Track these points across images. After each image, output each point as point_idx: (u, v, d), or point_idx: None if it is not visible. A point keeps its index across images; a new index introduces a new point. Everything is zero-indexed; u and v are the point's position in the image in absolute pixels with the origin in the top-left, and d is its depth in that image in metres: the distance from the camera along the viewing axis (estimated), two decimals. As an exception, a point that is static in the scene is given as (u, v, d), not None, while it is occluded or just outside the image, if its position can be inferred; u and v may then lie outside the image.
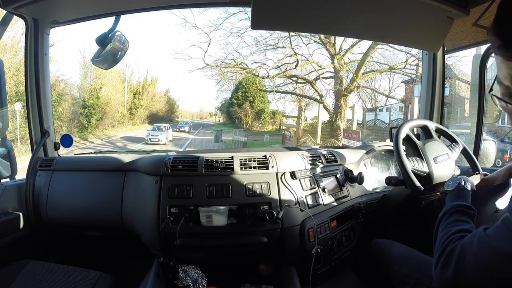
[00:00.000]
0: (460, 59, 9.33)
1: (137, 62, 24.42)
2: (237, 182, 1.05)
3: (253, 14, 1.07)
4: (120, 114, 16.86)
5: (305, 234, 1.03)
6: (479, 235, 0.56)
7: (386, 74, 11.69)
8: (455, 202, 0.73)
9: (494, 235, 0.53)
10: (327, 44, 10.74)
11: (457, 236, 0.62)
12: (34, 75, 1.28)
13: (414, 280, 0.86)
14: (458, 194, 0.79)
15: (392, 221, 1.33)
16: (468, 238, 0.58)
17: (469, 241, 0.57)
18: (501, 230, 0.53)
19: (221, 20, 11.43)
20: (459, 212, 0.70)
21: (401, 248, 1.01)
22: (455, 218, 0.69)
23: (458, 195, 0.78)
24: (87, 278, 1.02)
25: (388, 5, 1.09)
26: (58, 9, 1.22)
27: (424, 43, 1.31)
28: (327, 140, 10.29)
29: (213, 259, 1.14)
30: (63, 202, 1.22)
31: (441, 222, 0.70)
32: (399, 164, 1.04)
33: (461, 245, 0.58)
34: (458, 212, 0.70)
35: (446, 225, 0.68)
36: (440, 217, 0.72)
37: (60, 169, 1.26)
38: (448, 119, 8.86)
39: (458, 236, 0.62)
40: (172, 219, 0.99)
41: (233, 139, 12.64)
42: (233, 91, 19.36)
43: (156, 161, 1.11)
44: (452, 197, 0.78)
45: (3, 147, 1.32)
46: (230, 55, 11.97)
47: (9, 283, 0.97)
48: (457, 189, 0.80)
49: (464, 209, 0.71)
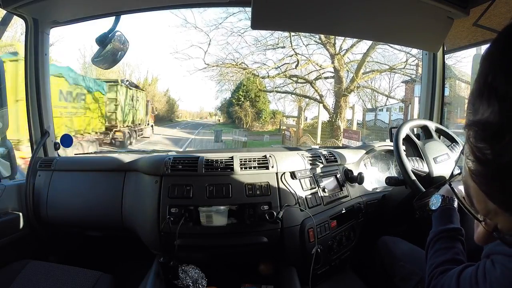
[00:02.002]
0: (460, 60, 9.34)
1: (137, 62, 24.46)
2: (237, 182, 1.05)
3: (253, 14, 1.07)
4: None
5: (305, 234, 1.03)
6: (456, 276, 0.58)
7: (386, 74, 11.70)
8: (439, 228, 0.72)
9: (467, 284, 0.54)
10: (327, 44, 10.73)
11: (438, 271, 0.64)
12: (34, 75, 1.28)
13: (418, 277, 0.86)
14: (442, 215, 0.76)
15: (392, 221, 1.33)
16: (447, 278, 0.60)
17: (448, 281, 0.59)
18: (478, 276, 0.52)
19: (221, 20, 11.44)
20: (442, 239, 0.70)
21: (407, 245, 1.02)
22: (438, 246, 0.69)
23: (442, 215, 0.75)
24: (87, 278, 1.02)
25: (388, 5, 1.09)
26: (58, 9, 1.22)
27: (424, 43, 1.31)
28: (327, 140, 10.28)
29: (213, 259, 1.14)
30: (63, 202, 1.22)
31: (428, 250, 0.71)
32: (399, 164, 1.04)
33: (441, 285, 0.61)
34: (441, 238, 0.70)
35: (431, 255, 0.69)
36: (427, 244, 0.72)
37: (60, 169, 1.26)
38: (448, 119, 8.87)
39: (438, 271, 0.64)
40: (172, 219, 0.99)
41: (233, 139, 12.63)
42: (233, 91, 19.36)
43: (156, 161, 1.11)
44: (437, 219, 0.76)
45: (3, 147, 1.32)
46: (230, 55, 11.99)
47: (9, 283, 0.97)
48: (440, 209, 0.77)
49: (448, 233, 0.70)
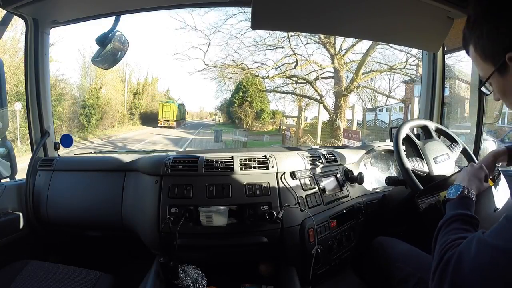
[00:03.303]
0: (461, 59, 9.33)
1: (137, 62, 24.56)
2: (237, 182, 1.05)
3: (253, 14, 1.07)
4: (120, 114, 16.86)
5: (305, 234, 1.03)
6: (477, 238, 0.53)
7: (386, 74, 11.71)
8: (457, 211, 0.69)
9: (495, 234, 0.50)
10: (327, 44, 10.73)
11: (456, 243, 0.59)
12: (34, 75, 1.28)
13: (416, 278, 0.85)
14: (460, 202, 0.73)
15: (392, 221, 1.33)
16: (465, 243, 0.55)
17: (466, 245, 0.54)
18: (504, 228, 0.50)
19: (221, 22, 11.44)
20: (459, 221, 0.67)
21: (404, 246, 1.00)
22: (455, 226, 0.66)
23: (460, 203, 0.73)
24: (87, 278, 1.02)
25: (388, 5, 1.09)
26: (58, 9, 1.22)
27: (424, 43, 1.31)
28: (327, 140, 10.28)
29: (213, 259, 1.14)
30: (63, 202, 1.22)
31: (440, 231, 0.67)
32: (399, 164, 1.04)
33: (458, 252, 0.55)
34: (458, 220, 0.67)
35: (445, 233, 0.65)
36: (440, 226, 0.68)
37: (60, 169, 1.26)
38: (448, 119, 8.86)
39: (456, 243, 0.58)
40: (172, 219, 0.99)
41: (233, 139, 12.62)
42: (233, 91, 19.36)
43: (156, 161, 1.11)
44: (453, 206, 0.73)
45: (3, 147, 1.32)
46: (230, 56, 11.99)
47: (9, 283, 0.97)
48: (459, 197, 0.74)
49: (465, 218, 0.67)
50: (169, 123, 14.95)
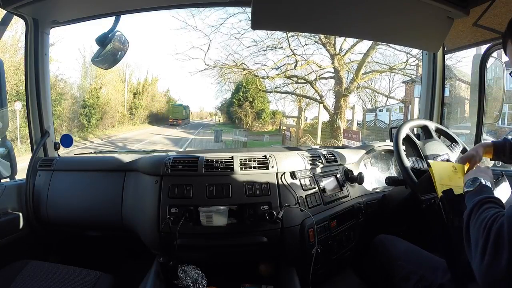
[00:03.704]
0: (461, 60, 9.33)
1: (137, 62, 24.70)
2: (237, 182, 1.05)
3: (253, 14, 1.07)
4: (120, 114, 16.84)
5: (305, 234, 1.03)
6: None
7: (386, 74, 11.67)
8: (483, 195, 0.67)
9: None
10: (327, 44, 10.72)
11: (498, 215, 0.55)
12: (34, 75, 1.28)
13: (418, 276, 0.85)
14: (482, 190, 0.72)
15: (392, 221, 1.33)
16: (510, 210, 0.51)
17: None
18: None
19: (222, 21, 11.43)
20: (489, 202, 0.64)
21: (405, 244, 1.01)
22: (487, 206, 0.63)
23: (482, 191, 0.72)
24: (87, 278, 1.02)
25: (388, 5, 1.09)
26: (58, 9, 1.22)
27: (424, 43, 1.31)
28: (327, 140, 10.28)
29: (213, 259, 1.14)
30: (63, 202, 1.22)
31: (471, 217, 0.63)
32: (399, 164, 1.04)
33: (508, 218, 0.51)
34: (488, 202, 0.64)
35: (479, 214, 0.61)
36: (469, 213, 0.65)
37: (60, 169, 1.26)
38: (448, 119, 8.87)
39: (499, 215, 0.55)
40: (172, 219, 0.99)
41: (233, 139, 12.62)
42: (233, 91, 19.35)
43: (156, 161, 1.11)
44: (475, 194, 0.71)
45: (3, 147, 1.32)
46: (230, 56, 11.97)
47: (9, 283, 0.97)
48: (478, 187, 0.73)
49: (493, 199, 0.65)
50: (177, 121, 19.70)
